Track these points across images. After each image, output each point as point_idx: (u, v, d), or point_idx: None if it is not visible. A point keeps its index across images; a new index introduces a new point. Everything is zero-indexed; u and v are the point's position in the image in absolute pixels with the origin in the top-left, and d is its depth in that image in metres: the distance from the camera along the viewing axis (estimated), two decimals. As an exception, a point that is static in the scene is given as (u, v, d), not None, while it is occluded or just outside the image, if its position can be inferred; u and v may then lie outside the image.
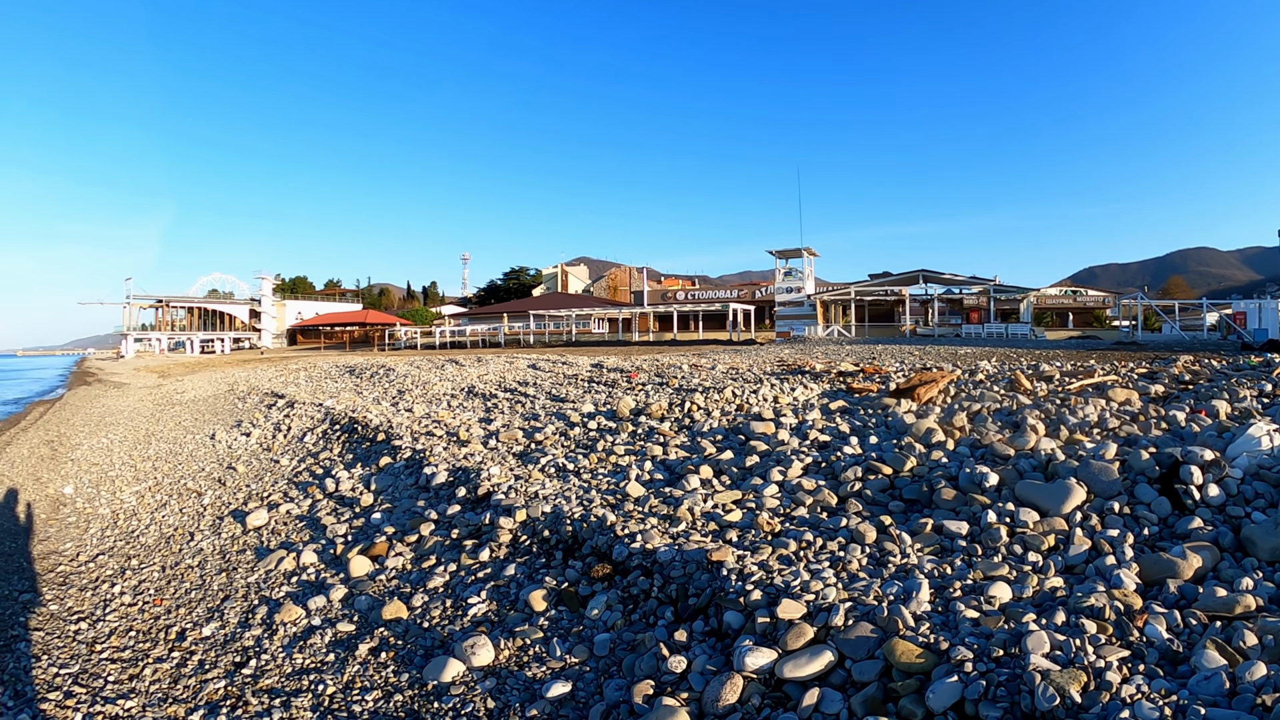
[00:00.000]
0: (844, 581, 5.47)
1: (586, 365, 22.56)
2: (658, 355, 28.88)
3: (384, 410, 15.81)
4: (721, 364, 20.15)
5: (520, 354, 35.07)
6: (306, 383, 25.09)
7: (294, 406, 18.23)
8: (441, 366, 26.03)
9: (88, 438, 20.11)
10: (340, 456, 12.69)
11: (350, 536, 8.81)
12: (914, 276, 57.91)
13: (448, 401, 17.00)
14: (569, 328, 78.45)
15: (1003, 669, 4.06)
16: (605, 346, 54.31)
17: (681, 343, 57.40)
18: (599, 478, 9.29)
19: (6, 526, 11.13)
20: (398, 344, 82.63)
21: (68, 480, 14.21)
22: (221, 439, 16.17)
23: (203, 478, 12.99)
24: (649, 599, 6.10)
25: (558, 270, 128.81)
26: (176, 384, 35.63)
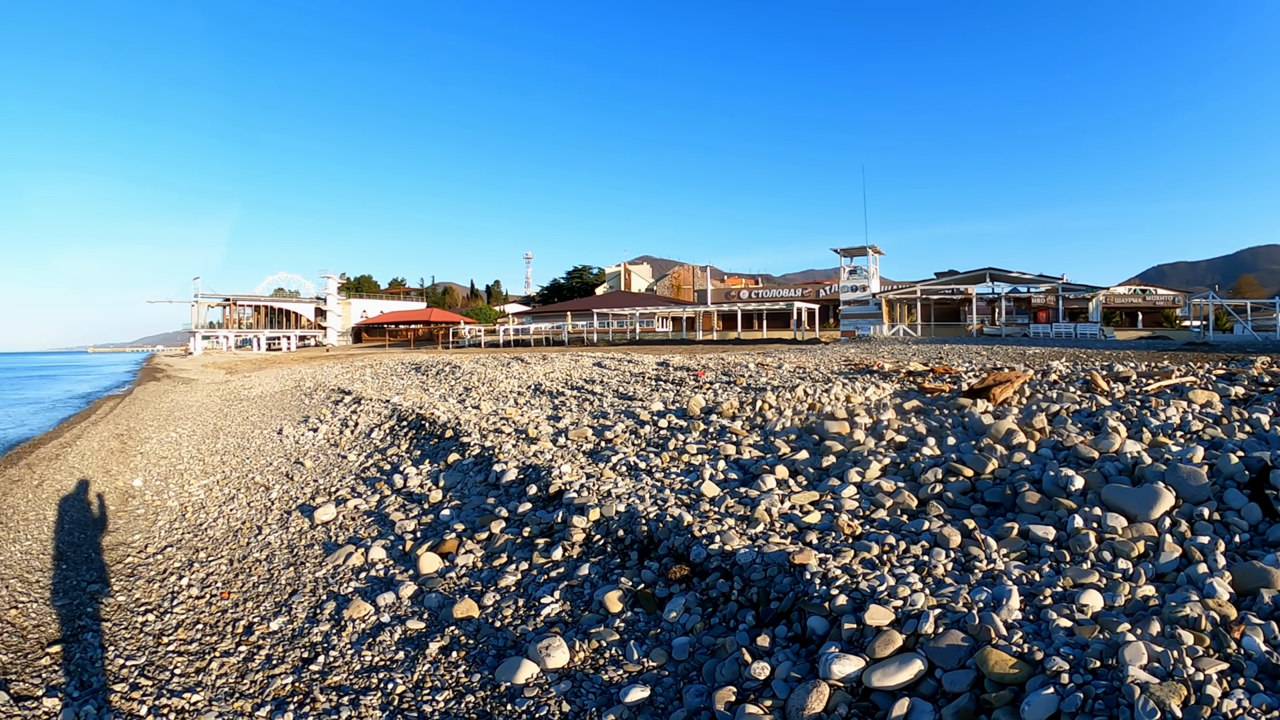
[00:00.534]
0: (930, 587, 5.26)
1: (652, 363, 22.44)
2: (723, 354, 28.66)
3: (451, 407, 15.83)
4: (788, 363, 19.86)
5: (585, 352, 35.06)
6: (372, 379, 25.37)
7: (361, 403, 18.39)
8: (507, 364, 26.12)
9: (156, 431, 20.56)
10: (408, 453, 12.72)
11: (419, 533, 8.77)
12: (980, 275, 56.62)
13: (515, 399, 16.99)
14: (632, 326, 78.44)
15: (1100, 681, 3.87)
16: (669, 345, 54.20)
17: (745, 342, 57.11)
18: (672, 477, 9.10)
19: (76, 518, 11.35)
20: (462, 342, 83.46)
21: (136, 473, 14.49)
22: (289, 434, 16.37)
23: (270, 472, 13.13)
24: (729, 602, 5.90)
25: (621, 269, 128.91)
26: (244, 380, 36.40)
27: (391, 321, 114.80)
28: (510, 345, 72.73)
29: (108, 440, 19.24)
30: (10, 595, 7.98)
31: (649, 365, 21.75)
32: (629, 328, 78.11)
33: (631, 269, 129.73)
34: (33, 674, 6.18)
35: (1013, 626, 4.54)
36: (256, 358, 76.70)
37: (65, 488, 13.52)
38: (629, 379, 18.46)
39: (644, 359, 24.67)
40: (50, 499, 12.60)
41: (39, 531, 10.54)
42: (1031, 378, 12.82)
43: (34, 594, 8.03)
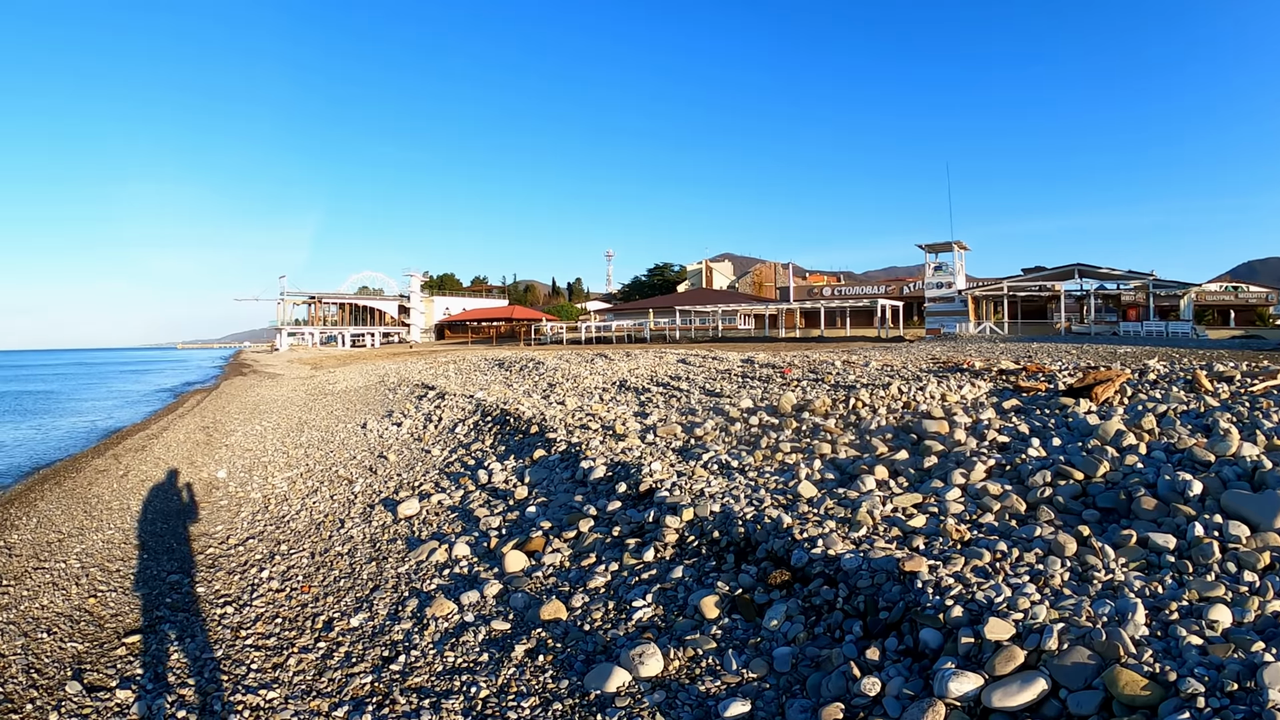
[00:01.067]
0: (1049, 598, 4.83)
1: (737, 360, 22.05)
2: (806, 351, 28.23)
3: (536, 403, 15.70)
4: (874, 361, 19.30)
5: (668, 349, 34.81)
6: (456, 375, 25.52)
7: (445, 398, 18.43)
8: (591, 360, 26.03)
9: (242, 424, 20.94)
10: (492, 448, 12.60)
11: (504, 530, 8.58)
12: (1069, 271, 54.77)
13: (600, 395, 16.80)
14: (714, 323, 78.07)
15: (1238, 705, 3.51)
16: (751, 343, 53.83)
17: (829, 339, 56.52)
18: (766, 476, 8.73)
19: (158, 508, 11.49)
20: (543, 339, 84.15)
21: (221, 465, 14.69)
22: (373, 428, 16.44)
23: (354, 465, 13.15)
24: (833, 611, 5.52)
25: (702, 266, 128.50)
26: (328, 375, 37.09)
27: (474, 319, 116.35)
28: (592, 342, 73.14)
29: (193, 432, 19.66)
30: (90, 584, 8.03)
31: (734, 362, 21.38)
32: (711, 325, 77.83)
33: (713, 266, 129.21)
34: (107, 664, 6.14)
35: (1141, 644, 4.17)
36: (341, 354, 78.46)
37: (150, 478, 13.76)
38: (715, 375, 18.14)
39: (728, 356, 24.30)
40: (135, 489, 12.81)
41: (122, 521, 10.67)
42: (1130, 377, 12.15)
43: (114, 583, 8.07)
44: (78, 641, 6.60)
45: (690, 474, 8.97)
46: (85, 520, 10.73)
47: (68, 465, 16.68)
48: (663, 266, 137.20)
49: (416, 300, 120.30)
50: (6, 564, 8.85)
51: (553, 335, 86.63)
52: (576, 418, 13.36)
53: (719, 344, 51.13)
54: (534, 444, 11.89)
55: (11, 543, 9.78)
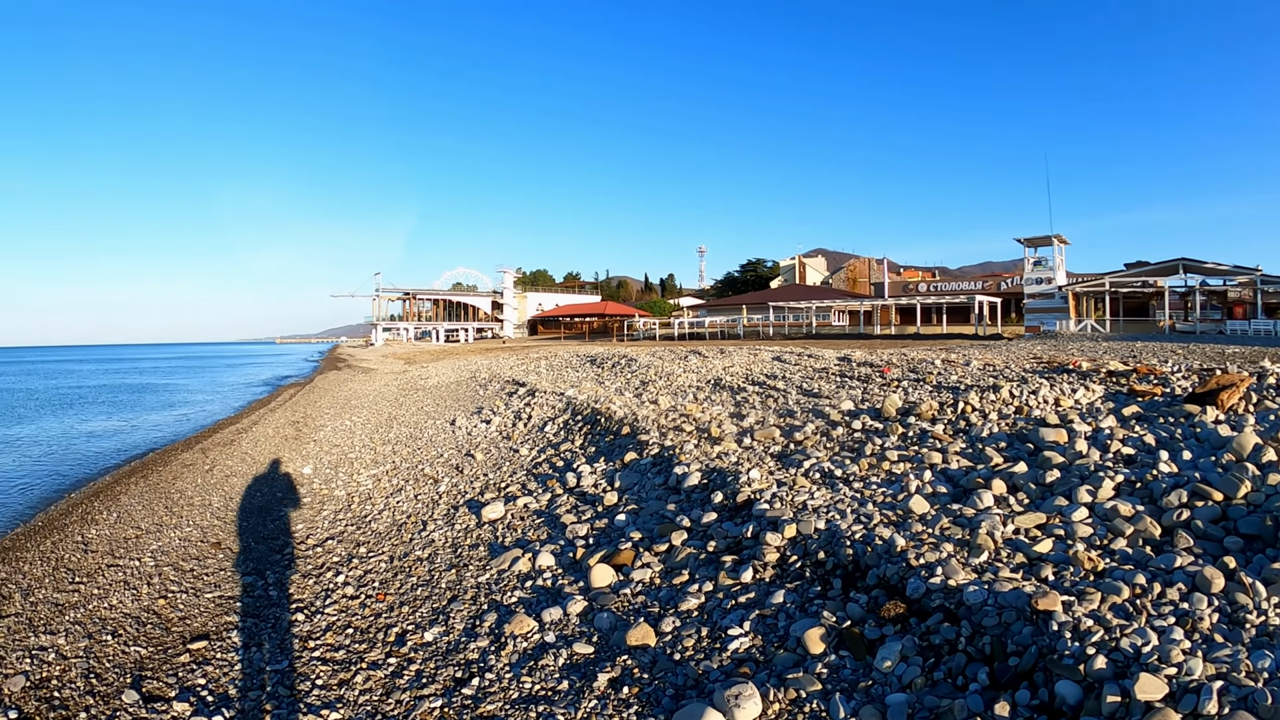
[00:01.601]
0: (1199, 646, 4.16)
1: (833, 359, 21.29)
2: (903, 349, 27.40)
3: (627, 402, 15.30)
4: (976, 360, 18.39)
5: (761, 346, 34.13)
6: (547, 371, 25.34)
7: (535, 395, 18.18)
8: (685, 358, 25.49)
9: (332, 419, 21.08)
10: (582, 449, 12.23)
11: (592, 539, 8.16)
12: (1173, 266, 52.12)
13: (693, 394, 16.31)
14: (808, 320, 76.90)
15: None
16: (846, 340, 52.85)
17: (925, 336, 55.33)
18: (872, 488, 8.12)
19: (240, 505, 11.45)
20: (636, 335, 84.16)
21: (307, 460, 14.67)
22: (461, 425, 16.28)
23: (440, 464, 12.95)
24: (955, 652, 4.92)
25: (795, 262, 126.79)
26: (421, 370, 37.43)
27: (566, 314, 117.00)
28: (685, 338, 72.88)
29: (283, 427, 19.84)
30: (161, 583, 7.91)
31: (830, 360, 20.66)
32: (804, 321, 76.74)
33: (806, 262, 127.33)
34: (169, 672, 5.95)
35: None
36: (435, 349, 79.65)
37: (234, 473, 13.80)
38: (812, 375, 17.48)
39: (824, 354, 23.53)
40: (217, 484, 12.83)
41: (201, 518, 10.62)
42: (1252, 381, 11.17)
43: (185, 583, 7.93)
44: (142, 646, 6.44)
45: (791, 484, 8.43)
46: (165, 516, 10.72)
47: (156, 458, 16.96)
48: (755, 262, 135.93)
49: (509, 296, 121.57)
50: (81, 560, 8.82)
51: (645, 331, 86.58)
52: (670, 419, 12.92)
53: (813, 341, 50.24)
54: (625, 446, 11.47)
55: (89, 538, 9.80)
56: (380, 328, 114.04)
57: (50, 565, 8.81)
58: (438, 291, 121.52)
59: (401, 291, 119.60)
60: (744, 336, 69.30)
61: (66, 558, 9.04)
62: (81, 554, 9.06)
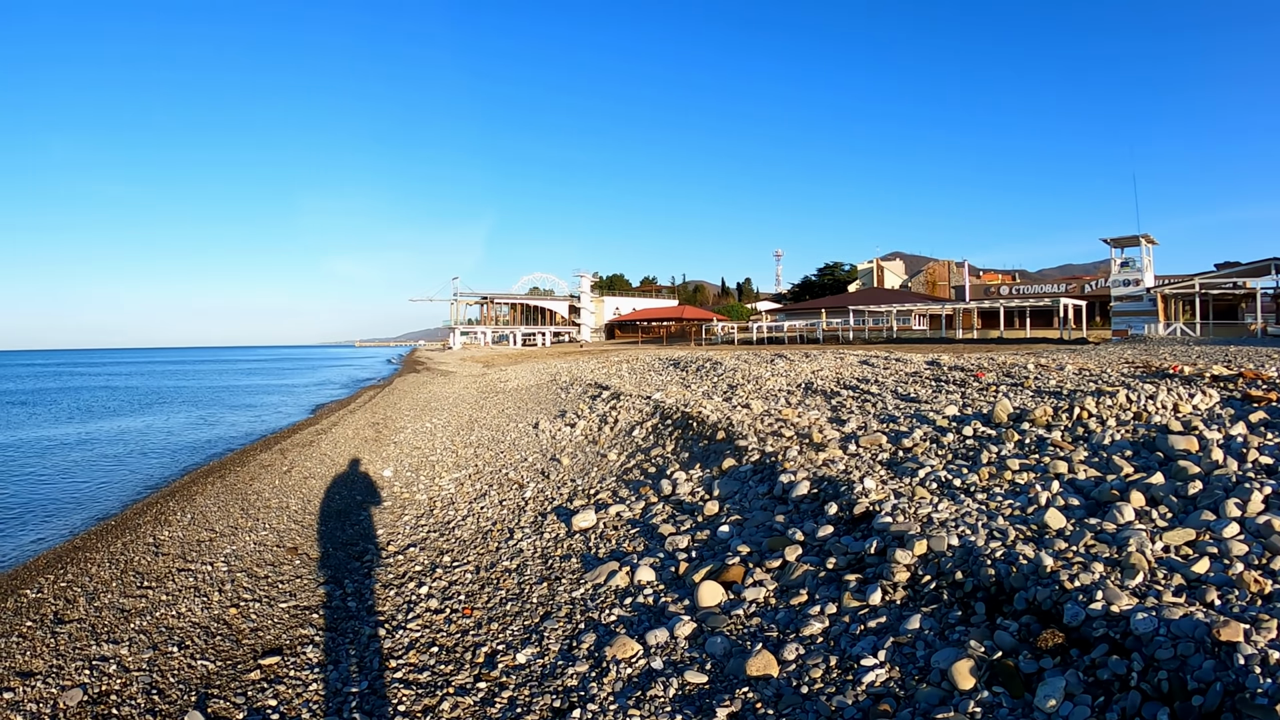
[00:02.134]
0: None
1: (921, 362, 20.35)
2: (989, 353, 26.33)
3: (719, 406, 14.63)
4: (1070, 364, 17.36)
5: (845, 350, 33.10)
6: (629, 374, 24.77)
7: (620, 398, 17.61)
8: (771, 361, 24.70)
9: (412, 421, 20.80)
10: (674, 455, 11.60)
11: (694, 552, 7.51)
12: (1264, 266, 49.55)
13: (786, 398, 15.58)
14: (888, 324, 75.39)
15: None
16: (927, 344, 51.62)
17: (1008, 341, 53.79)
18: (997, 499, 7.35)
19: (318, 508, 11.09)
20: (714, 339, 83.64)
21: (388, 463, 14.31)
22: (545, 429, 15.79)
23: (525, 468, 12.45)
24: (1127, 690, 4.17)
25: (873, 265, 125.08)
26: (500, 373, 37.23)
27: (644, 319, 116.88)
28: (764, 343, 72.07)
29: (363, 428, 19.59)
30: (234, 591, 7.48)
31: (918, 364, 19.73)
32: (885, 325, 75.30)
33: (884, 265, 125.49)
34: (237, 690, 5.48)
35: None
36: (513, 352, 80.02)
37: (313, 475, 13.48)
38: (904, 379, 16.63)
39: (911, 358, 22.57)
40: (295, 487, 12.49)
41: (278, 521, 10.25)
42: None
43: (259, 591, 7.50)
44: (210, 660, 5.99)
45: (910, 494, 7.69)
46: (240, 518, 10.38)
47: (235, 458, 16.82)
48: (833, 266, 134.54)
49: (586, 300, 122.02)
50: (151, 564, 8.49)
51: (724, 335, 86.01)
52: (766, 423, 12.22)
53: (894, 345, 49.12)
54: (721, 452, 10.82)
55: (161, 540, 9.48)
56: (458, 331, 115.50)
57: (119, 568, 8.49)
58: (515, 295, 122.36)
59: (479, 295, 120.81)
60: (823, 341, 68.21)
61: (136, 560, 8.72)
62: (152, 557, 8.73)
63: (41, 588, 8.08)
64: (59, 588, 7.97)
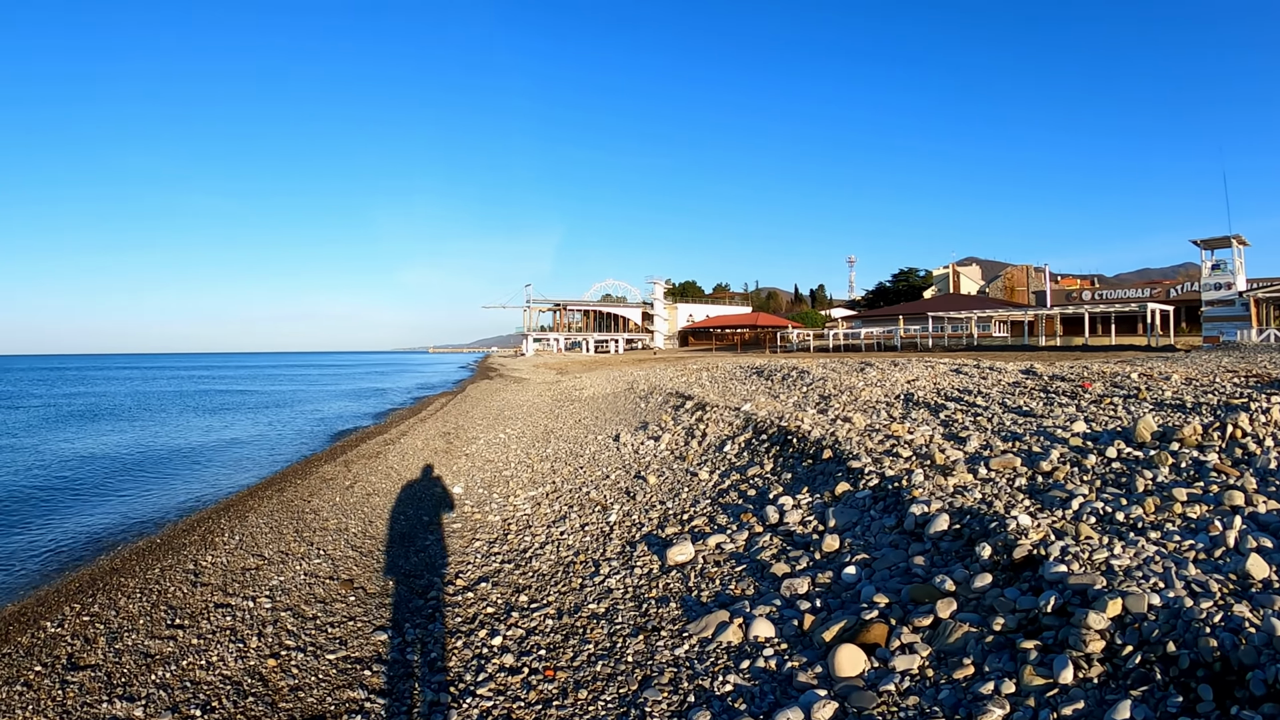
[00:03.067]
0: None
1: (1016, 371, 18.71)
2: (1078, 361, 24.54)
3: (815, 419, 13.33)
4: (1176, 374, 15.70)
5: (931, 357, 31.35)
6: (711, 383, 23.47)
7: (706, 409, 16.36)
8: (861, 369, 23.20)
9: (484, 431, 19.85)
10: (775, 475, 10.33)
11: (818, 600, 6.24)
12: None
13: (886, 411, 14.20)
14: (968, 330, 72.81)
15: None
16: (1010, 351, 49.30)
17: (1093, 348, 51.14)
18: (1173, 539, 5.97)
19: (380, 531, 10.10)
20: (789, 346, 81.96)
21: (459, 477, 13.32)
22: (627, 442, 14.64)
23: (608, 487, 11.32)
24: None
25: (949, 271, 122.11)
26: (574, 380, 36.23)
27: (717, 325, 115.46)
28: (840, 350, 70.23)
29: (433, 439, 18.67)
30: (275, 635, 6.41)
31: (1013, 373, 18.13)
32: (965, 332, 72.72)
33: (960, 270, 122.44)
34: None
35: None
36: (586, 359, 79.36)
37: (377, 491, 12.53)
38: (1007, 389, 15.10)
39: (1006, 366, 20.92)
40: (357, 505, 11.53)
41: (334, 546, 9.24)
42: None
43: (304, 636, 6.43)
44: (238, 725, 4.89)
45: (1074, 533, 6.35)
46: (293, 542, 9.39)
47: (297, 469, 16.01)
48: (908, 272, 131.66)
49: (659, 307, 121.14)
50: (187, 597, 7.49)
51: (799, 342, 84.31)
52: (875, 440, 10.89)
53: (975, 352, 46.93)
54: (831, 474, 9.52)
55: (202, 567, 8.50)
56: (531, 338, 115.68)
57: (150, 600, 7.49)
58: (587, 302, 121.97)
59: (551, 303, 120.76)
60: (901, 348, 66.09)
61: (171, 591, 7.70)
62: (189, 587, 7.74)
63: (64, 620, 7.14)
64: (81, 622, 7.00)
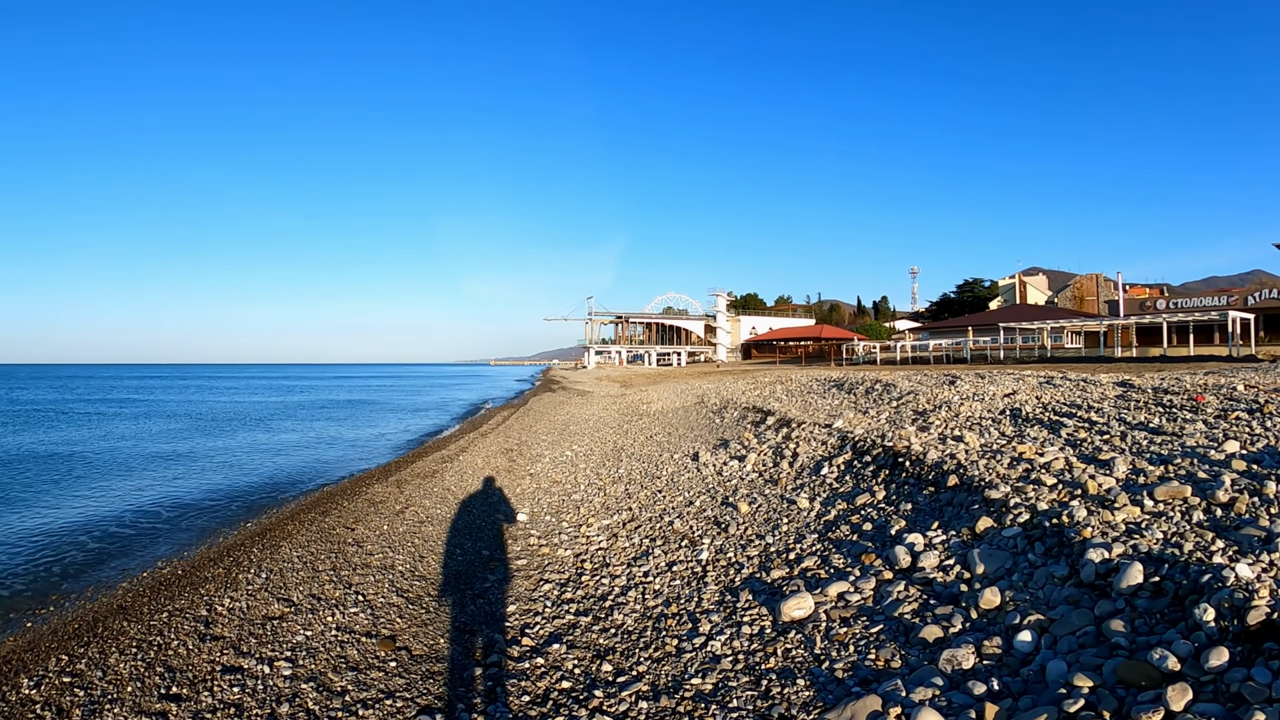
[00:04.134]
0: None
1: (1110, 383, 16.80)
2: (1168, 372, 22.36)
3: (923, 438, 11.77)
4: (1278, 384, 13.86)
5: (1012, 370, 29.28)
6: (788, 397, 21.84)
7: (790, 426, 14.85)
8: (950, 382, 21.33)
9: (549, 448, 18.56)
10: (891, 505, 8.79)
11: (993, 680, 4.70)
12: None
13: (995, 428, 12.56)
14: (1039, 342, 69.98)
15: None
16: (1086, 363, 46.81)
17: (1172, 359, 48.31)
18: None
19: (432, 570, 8.77)
20: (855, 359, 79.76)
21: (522, 501, 12.01)
22: (708, 461, 13.21)
23: (693, 515, 9.90)
24: None
25: (1015, 281, 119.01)
26: (640, 394, 34.90)
27: (780, 338, 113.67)
28: (908, 362, 67.90)
29: (494, 456, 17.41)
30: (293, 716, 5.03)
31: (1107, 385, 16.25)
32: (1035, 344, 69.91)
33: (1025, 280, 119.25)
34: None
35: None
36: (649, 372, 78.14)
37: (431, 518, 11.23)
38: (1115, 402, 13.33)
39: (1098, 379, 18.99)
40: (407, 534, 10.22)
41: (376, 589, 7.89)
42: None
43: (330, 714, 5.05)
44: None
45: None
46: (328, 582, 8.05)
47: (345, 489, 14.79)
48: (972, 282, 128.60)
49: (722, 319, 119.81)
50: (191, 655, 6.13)
51: (865, 355, 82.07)
52: (1002, 464, 9.32)
53: (1050, 364, 44.59)
54: (964, 505, 7.96)
55: (217, 614, 7.16)
56: (592, 351, 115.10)
57: (147, 657, 6.10)
58: (650, 315, 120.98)
59: (613, 315, 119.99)
60: (970, 360, 63.63)
61: (175, 647, 6.30)
62: (197, 641, 6.39)
63: (44, 676, 5.84)
64: (61, 684, 5.68)
